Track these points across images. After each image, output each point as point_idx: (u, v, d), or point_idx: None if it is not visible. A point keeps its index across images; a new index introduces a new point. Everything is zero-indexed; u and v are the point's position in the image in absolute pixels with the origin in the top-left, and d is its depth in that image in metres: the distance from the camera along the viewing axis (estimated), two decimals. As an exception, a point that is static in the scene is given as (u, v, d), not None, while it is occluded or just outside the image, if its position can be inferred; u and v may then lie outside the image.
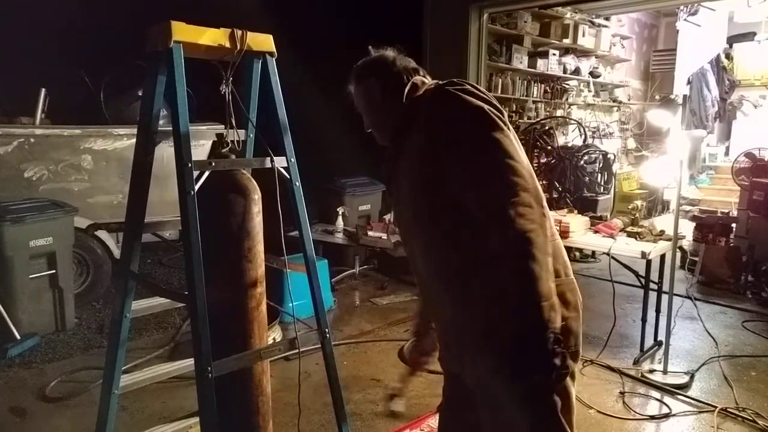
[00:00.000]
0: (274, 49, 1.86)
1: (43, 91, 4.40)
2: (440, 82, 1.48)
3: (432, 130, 1.40)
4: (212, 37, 1.70)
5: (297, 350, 1.83)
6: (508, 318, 1.27)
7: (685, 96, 3.20)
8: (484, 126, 1.35)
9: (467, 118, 1.37)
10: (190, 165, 1.64)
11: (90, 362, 3.40)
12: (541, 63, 7.11)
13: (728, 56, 8.86)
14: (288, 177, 1.89)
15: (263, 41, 1.83)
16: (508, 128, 1.38)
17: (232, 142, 1.87)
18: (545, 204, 1.35)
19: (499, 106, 1.41)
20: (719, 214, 5.21)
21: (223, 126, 1.87)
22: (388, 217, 5.68)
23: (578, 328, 1.43)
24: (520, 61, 6.86)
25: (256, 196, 1.83)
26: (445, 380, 1.66)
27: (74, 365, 3.39)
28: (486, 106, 1.37)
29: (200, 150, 4.50)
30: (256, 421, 1.83)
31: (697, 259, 5.20)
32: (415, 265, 1.55)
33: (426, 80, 1.58)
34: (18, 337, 3.54)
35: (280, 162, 1.87)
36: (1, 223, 3.51)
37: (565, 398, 1.40)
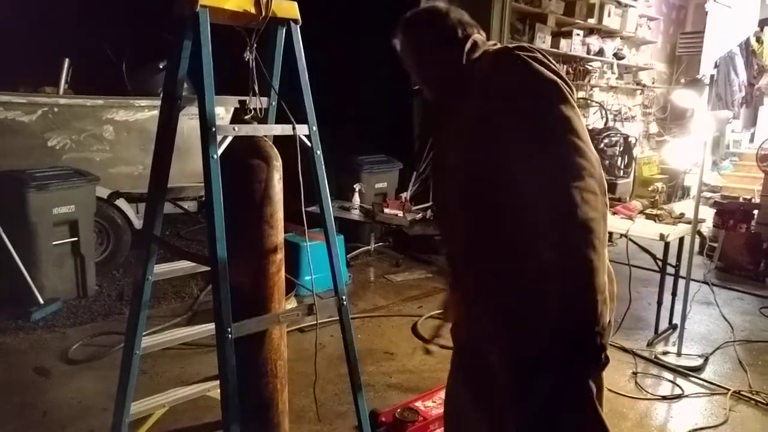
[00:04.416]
0: (299, 17, 1.86)
1: (66, 61, 4.44)
2: (508, 45, 1.37)
3: (497, 99, 1.29)
4: (238, 2, 1.70)
5: (314, 314, 1.86)
6: (558, 306, 1.19)
7: (712, 76, 3.13)
8: (556, 101, 1.24)
9: (539, 90, 1.26)
10: (214, 129, 1.66)
11: (111, 328, 3.48)
12: (564, 43, 6.98)
13: (758, 40, 8.60)
14: (309, 145, 1.90)
15: (288, 8, 1.83)
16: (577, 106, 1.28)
17: (255, 109, 1.88)
18: (607, 192, 1.26)
19: (568, 80, 1.31)
20: (741, 200, 5.13)
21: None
22: (405, 195, 5.69)
23: (612, 319, 1.37)
24: (543, 41, 6.74)
25: (278, 163, 1.85)
26: (454, 353, 1.64)
27: (95, 330, 3.48)
28: (558, 80, 1.27)
29: (220, 122, 4.52)
30: (273, 384, 1.88)
31: (716, 245, 5.15)
32: (450, 237, 1.48)
33: (484, 39, 1.44)
34: (41, 301, 3.63)
35: (302, 129, 1.87)
36: (26, 190, 3.58)
37: (598, 385, 1.39)
